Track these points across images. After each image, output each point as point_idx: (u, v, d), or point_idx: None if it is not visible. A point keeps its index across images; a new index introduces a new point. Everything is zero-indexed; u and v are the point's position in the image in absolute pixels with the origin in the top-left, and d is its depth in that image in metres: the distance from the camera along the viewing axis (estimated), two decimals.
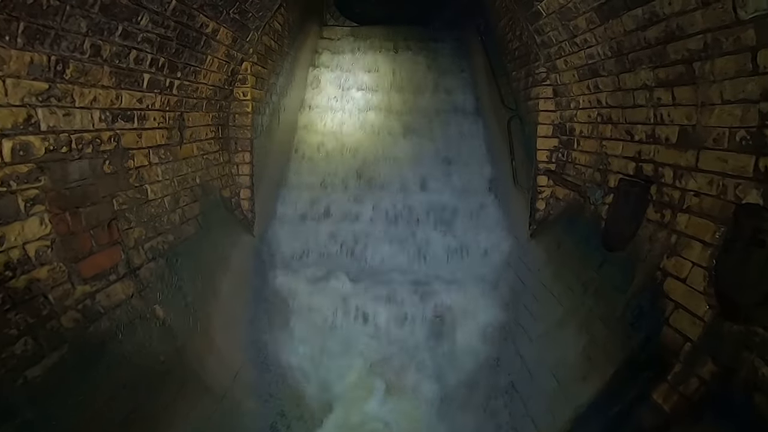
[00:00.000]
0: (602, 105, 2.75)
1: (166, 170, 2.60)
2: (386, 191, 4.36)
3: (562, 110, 3.36)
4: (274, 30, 4.14)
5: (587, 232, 2.91)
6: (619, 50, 2.37)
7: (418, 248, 4.02)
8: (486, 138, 4.82)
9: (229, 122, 3.55)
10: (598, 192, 2.78)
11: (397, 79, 5.68)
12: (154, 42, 2.20)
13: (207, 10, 2.50)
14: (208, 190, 3.17)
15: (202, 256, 2.84)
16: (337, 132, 4.96)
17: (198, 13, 2.43)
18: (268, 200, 4.08)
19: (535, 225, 3.71)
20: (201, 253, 2.85)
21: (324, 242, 4.00)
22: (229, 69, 3.22)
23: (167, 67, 2.41)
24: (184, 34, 2.42)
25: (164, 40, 2.27)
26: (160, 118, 2.50)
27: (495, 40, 4.76)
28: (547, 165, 3.59)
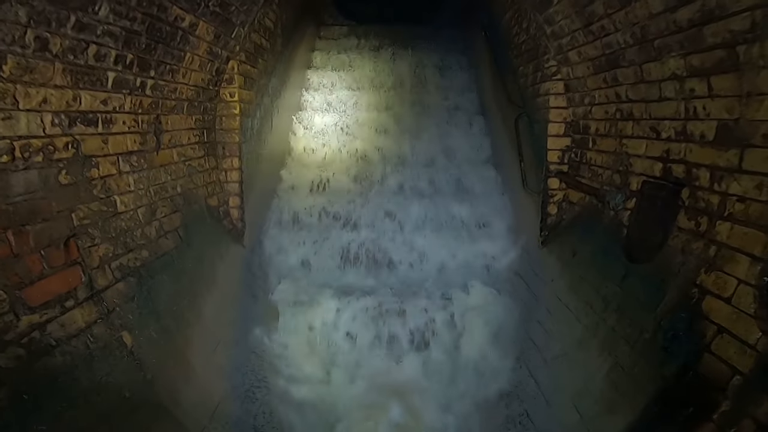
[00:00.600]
0: (622, 99, 2.48)
1: (140, 179, 2.36)
2: (386, 196, 4.10)
3: (575, 107, 3.09)
4: (266, 28, 3.90)
5: (606, 240, 2.63)
6: (643, 37, 2.10)
7: (419, 255, 3.75)
8: (491, 138, 4.56)
9: (215, 125, 3.31)
10: (619, 196, 2.50)
11: (397, 77, 5.45)
12: (119, 36, 1.96)
13: (181, 2, 2.25)
14: (191, 200, 2.93)
15: (182, 273, 2.59)
16: (335, 134, 4.72)
17: (170, 4, 2.18)
18: (260, 208, 3.83)
19: (546, 231, 3.43)
20: (181, 269, 2.60)
21: (321, 252, 3.74)
22: (212, 68, 2.98)
23: (137, 65, 2.17)
24: (156, 27, 2.18)
25: (131, 34, 2.03)
26: (131, 122, 2.26)
27: (500, 35, 4.49)
28: (559, 166, 3.32)
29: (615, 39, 2.32)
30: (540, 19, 3.07)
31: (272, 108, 4.23)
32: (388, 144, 4.56)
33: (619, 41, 2.30)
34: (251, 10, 3.01)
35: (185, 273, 2.63)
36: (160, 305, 2.30)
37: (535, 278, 3.33)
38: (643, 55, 2.16)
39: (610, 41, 2.37)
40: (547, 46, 3.17)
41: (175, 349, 2.30)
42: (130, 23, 1.99)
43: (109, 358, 1.85)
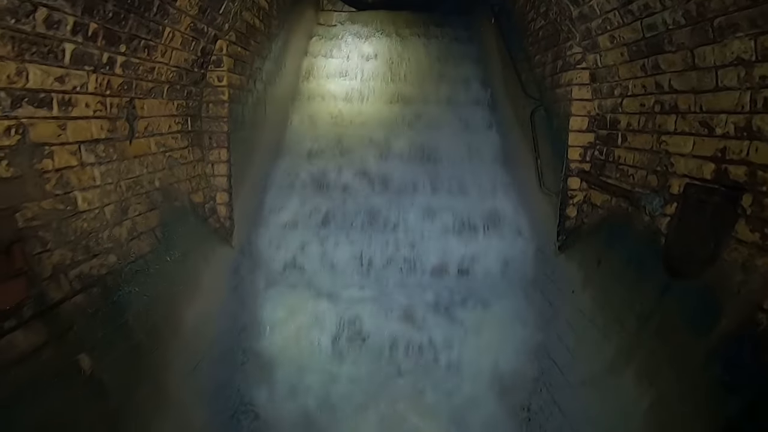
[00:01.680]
0: (663, 90, 2.17)
1: (108, 172, 2.03)
2: (389, 194, 3.79)
3: (602, 99, 2.78)
4: (260, 7, 3.56)
5: (639, 248, 2.34)
6: (699, 15, 1.78)
7: (423, 259, 3.45)
8: (502, 133, 4.24)
9: (201, 113, 2.98)
10: (657, 200, 2.20)
11: (399, 68, 5.11)
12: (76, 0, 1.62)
13: None
14: (172, 195, 2.60)
15: (159, 279, 2.27)
16: (334, 125, 4.39)
17: None
18: (252, 204, 3.51)
19: (564, 235, 3.14)
20: (158, 276, 2.28)
21: (318, 253, 3.42)
22: (198, 47, 2.64)
23: (102, 37, 1.83)
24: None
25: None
26: (97, 105, 1.93)
27: (512, 22, 4.17)
28: (581, 165, 3.02)
29: (661, 19, 2.01)
30: (564, 0, 2.75)
31: (266, 95, 3.89)
32: (390, 135, 4.22)
33: (666, 21, 1.99)
34: None
35: (162, 279, 2.31)
36: (130, 319, 1.99)
37: (552, 287, 3.04)
38: (696, 37, 1.85)
39: (654, 22, 2.06)
40: (571, 31, 2.86)
41: (147, 370, 1.99)
42: None
43: (60, 388, 1.54)
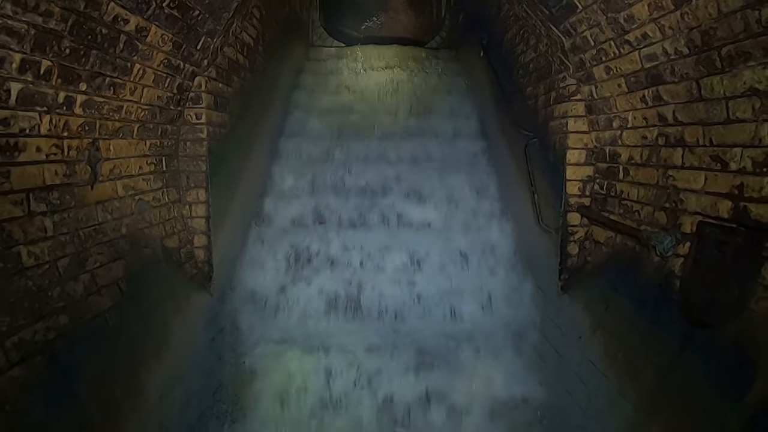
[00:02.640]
0: (668, 122, 2.03)
1: (63, 221, 1.82)
2: (377, 230, 3.60)
3: (600, 131, 2.65)
4: (244, 43, 3.47)
5: (651, 292, 2.14)
6: (703, 44, 1.66)
7: (417, 301, 3.23)
8: (495, 166, 4.11)
9: (178, 152, 2.81)
10: (668, 239, 2.02)
11: (389, 102, 5.04)
12: (24, 35, 1.47)
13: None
14: (141, 242, 2.38)
15: (119, 340, 2.03)
16: (322, 160, 4.24)
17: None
18: (233, 247, 3.30)
19: (567, 274, 2.94)
20: (118, 335, 2.04)
21: (307, 299, 3.17)
22: (173, 84, 2.50)
23: (58, 75, 1.67)
24: (85, 28, 1.70)
25: (45, 33, 1.54)
26: (51, 148, 1.75)
27: (502, 55, 4.12)
28: (580, 199, 2.86)
29: (661, 49, 1.90)
30: (555, 32, 2.67)
31: (251, 132, 3.76)
32: (380, 169, 4.08)
33: (666, 51, 1.87)
34: (220, 18, 2.56)
35: (124, 339, 2.06)
36: (81, 391, 1.73)
37: (556, 332, 2.81)
38: (702, 66, 1.72)
39: (654, 52, 1.95)
40: (564, 63, 2.76)
41: None
42: (42, 19, 1.50)
43: None
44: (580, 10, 2.25)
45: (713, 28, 1.59)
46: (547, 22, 2.75)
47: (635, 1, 1.88)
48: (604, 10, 2.09)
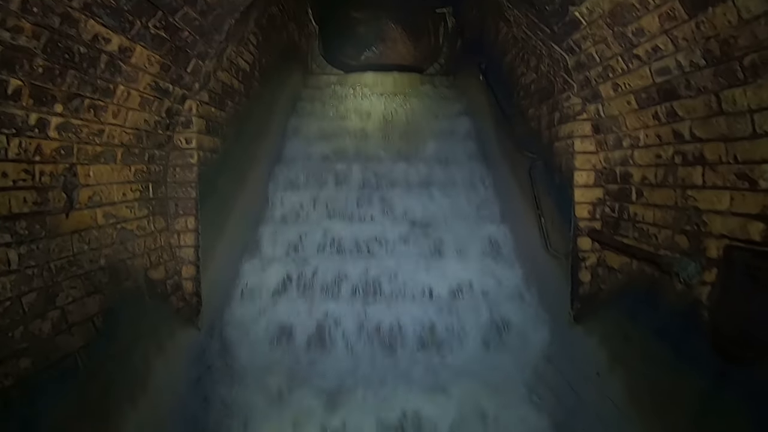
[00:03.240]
0: (684, 139, 1.90)
1: (31, 253, 1.67)
2: (378, 256, 3.43)
3: (609, 151, 2.52)
4: (239, 68, 3.41)
5: (676, 323, 1.96)
6: (723, 54, 1.55)
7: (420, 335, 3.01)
8: (498, 190, 3.98)
9: (166, 178, 2.68)
10: (692, 265, 1.85)
11: (388, 127, 4.98)
12: None
13: (101, 16, 1.69)
14: (122, 274, 2.22)
15: (91, 384, 1.84)
16: (319, 186, 4.11)
17: (83, 15, 1.61)
18: (224, 278, 3.12)
19: (579, 303, 2.75)
20: (91, 378, 1.85)
21: (305, 334, 2.95)
22: (161, 108, 2.40)
23: (29, 96, 1.55)
24: (61, 47, 1.60)
25: (13, 50, 1.43)
26: (21, 174, 1.61)
27: (501, 78, 4.06)
28: (591, 223, 2.71)
29: (674, 62, 1.79)
30: (558, 51, 2.59)
31: (246, 158, 3.65)
32: (379, 195, 3.94)
33: (680, 64, 1.76)
34: (212, 40, 2.48)
35: (95, 383, 1.86)
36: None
37: (570, 367, 2.60)
38: (722, 79, 1.60)
39: (666, 66, 1.84)
40: (567, 82, 2.67)
41: None
42: (10, 35, 1.40)
43: None
44: (584, 26, 2.16)
45: (733, 37, 1.48)
46: (549, 41, 2.67)
47: (644, 13, 1.78)
48: (610, 25, 1.99)
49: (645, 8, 1.76)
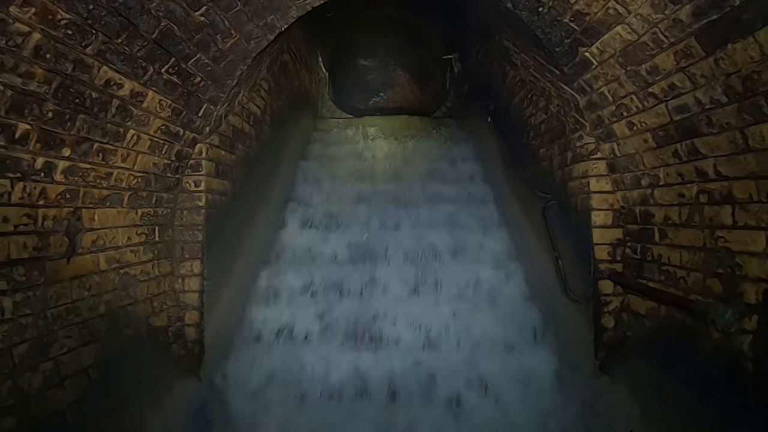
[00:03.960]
0: (709, 177, 1.82)
1: (26, 301, 1.59)
2: (388, 298, 3.30)
3: (627, 190, 2.44)
4: (250, 112, 3.46)
5: (715, 376, 1.79)
6: (746, 90, 1.50)
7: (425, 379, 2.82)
8: (511, 232, 3.87)
9: (173, 221, 2.64)
10: (729, 312, 1.71)
11: (397, 168, 4.97)
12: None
13: (115, 62, 1.71)
14: (122, 321, 2.13)
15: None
16: (328, 228, 4.05)
17: (96, 61, 1.63)
18: (230, 324, 3.00)
19: (603, 352, 2.58)
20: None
21: (316, 386, 2.78)
22: (171, 151, 2.39)
23: (36, 140, 1.54)
24: (72, 91, 1.60)
25: (23, 95, 1.43)
26: (22, 218, 1.57)
27: (510, 119, 4.07)
28: (611, 265, 2.58)
29: (692, 99, 1.74)
30: (568, 91, 2.58)
31: (255, 200, 3.63)
32: (389, 237, 3.86)
33: (699, 101, 1.71)
34: (224, 86, 2.51)
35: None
36: None
37: (598, 422, 2.38)
38: (746, 115, 1.54)
39: (684, 104, 1.79)
40: (579, 122, 2.64)
41: None
42: (21, 80, 1.40)
43: None
44: (595, 66, 2.15)
45: (756, 72, 1.43)
46: (558, 83, 2.67)
47: (658, 52, 1.76)
48: (622, 64, 1.98)
49: (659, 47, 1.74)
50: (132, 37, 1.71)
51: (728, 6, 1.40)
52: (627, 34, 1.85)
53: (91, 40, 1.56)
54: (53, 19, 1.40)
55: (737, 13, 1.39)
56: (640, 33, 1.78)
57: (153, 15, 1.74)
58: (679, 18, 1.59)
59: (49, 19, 1.39)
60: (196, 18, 1.94)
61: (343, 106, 6.78)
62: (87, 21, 1.51)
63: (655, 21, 1.68)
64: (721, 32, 1.47)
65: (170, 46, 1.93)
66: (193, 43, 2.04)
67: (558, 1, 2.00)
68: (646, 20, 1.71)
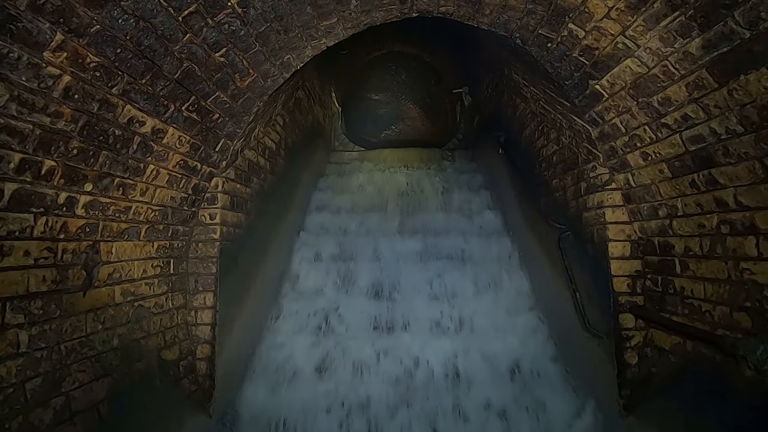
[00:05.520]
0: (729, 207, 1.78)
1: (42, 334, 1.60)
2: (398, 333, 3.23)
3: (644, 221, 2.40)
4: (265, 146, 3.54)
5: (751, 417, 1.69)
6: (762, 120, 1.49)
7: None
8: (526, 263, 3.81)
9: (188, 253, 2.66)
10: (762, 348, 1.63)
11: (407, 200, 5.00)
12: (28, 135, 1.41)
13: (138, 101, 1.78)
14: (135, 355, 2.12)
15: None
16: (342, 258, 4.04)
17: (121, 101, 1.70)
18: (242, 357, 2.96)
19: (628, 390, 2.46)
20: None
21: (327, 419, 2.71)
22: (188, 185, 2.45)
23: (61, 176, 1.59)
24: (97, 129, 1.66)
25: (51, 133, 1.49)
26: (43, 252, 1.60)
27: (521, 150, 4.09)
28: (632, 298, 2.51)
29: (708, 129, 1.73)
30: (579, 123, 2.59)
31: (269, 232, 3.65)
32: (397, 269, 3.83)
33: (714, 131, 1.70)
34: (241, 121, 2.59)
35: None
36: None
37: None
38: (764, 144, 1.52)
39: (700, 134, 1.78)
40: (592, 152, 2.64)
41: None
42: (50, 120, 1.46)
43: None
44: (606, 98, 2.16)
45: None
46: (569, 114, 2.69)
47: (669, 84, 1.77)
48: (633, 96, 1.99)
49: (670, 79, 1.75)
50: (155, 77, 1.79)
51: (738, 38, 1.41)
52: (637, 67, 1.87)
53: (117, 80, 1.64)
54: (83, 62, 1.48)
55: (748, 45, 1.40)
56: (650, 66, 1.80)
57: (176, 57, 1.82)
58: (689, 51, 1.61)
59: (79, 62, 1.47)
60: (216, 59, 2.02)
61: (355, 139, 6.91)
62: (114, 63, 1.59)
63: (665, 54, 1.70)
64: (733, 64, 1.48)
65: (191, 85, 2.01)
66: (213, 82, 2.12)
67: (567, 36, 2.05)
68: (656, 54, 1.74)
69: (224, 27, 1.89)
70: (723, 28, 1.43)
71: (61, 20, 1.34)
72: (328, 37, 2.39)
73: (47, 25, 1.31)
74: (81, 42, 1.43)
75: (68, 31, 1.37)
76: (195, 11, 1.70)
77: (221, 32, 1.91)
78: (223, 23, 1.87)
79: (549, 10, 1.96)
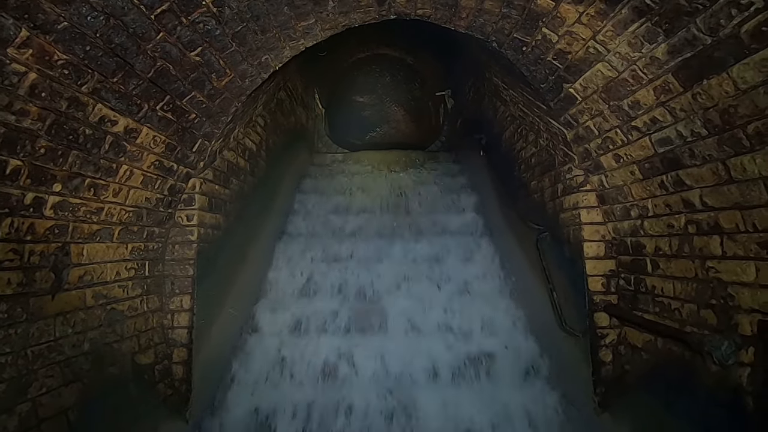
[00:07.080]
0: (696, 208, 1.84)
1: (6, 339, 1.56)
2: (379, 333, 3.23)
3: (617, 221, 2.46)
4: (245, 147, 3.51)
5: (718, 413, 1.74)
6: (725, 122, 1.54)
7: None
8: (505, 263, 3.85)
9: (164, 255, 2.62)
10: (725, 344, 1.68)
11: (391, 201, 5.01)
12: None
13: (110, 99, 1.75)
14: (107, 359, 2.07)
15: None
16: (321, 260, 4.02)
17: (91, 99, 1.67)
18: (220, 361, 2.91)
19: (603, 387, 2.51)
20: None
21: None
22: (164, 186, 2.41)
23: (27, 176, 1.55)
24: (66, 128, 1.63)
25: (16, 132, 1.45)
26: (8, 254, 1.56)
27: (502, 152, 4.14)
28: (606, 297, 2.56)
29: (675, 132, 1.78)
30: (555, 125, 2.64)
31: (248, 234, 3.62)
32: (382, 271, 3.84)
33: (681, 134, 1.75)
34: (218, 122, 2.57)
35: None
36: None
37: None
38: (727, 147, 1.58)
39: (667, 136, 1.83)
40: (568, 154, 2.69)
41: None
42: (15, 118, 1.42)
43: None
44: (580, 101, 2.21)
45: (733, 107, 1.47)
46: (546, 117, 2.74)
47: (638, 88, 1.82)
48: (605, 99, 2.04)
49: (639, 83, 1.80)
50: (128, 76, 1.77)
51: (701, 44, 1.46)
52: (608, 71, 1.91)
53: (87, 79, 1.61)
54: (50, 60, 1.45)
55: (710, 50, 1.45)
56: (620, 70, 1.85)
57: (149, 55, 1.79)
58: (655, 56, 1.65)
59: (46, 59, 1.44)
60: (191, 58, 2.00)
61: (339, 141, 6.90)
62: (83, 61, 1.56)
63: (633, 59, 1.75)
64: (697, 69, 1.53)
65: (166, 84, 1.98)
66: (189, 81, 2.10)
67: (541, 40, 2.09)
68: (625, 58, 1.78)
69: (199, 26, 1.88)
70: (686, 34, 1.48)
71: (25, 16, 1.31)
72: (306, 38, 2.38)
73: (11, 20, 1.28)
74: (48, 39, 1.40)
75: (34, 27, 1.35)
76: (168, 9, 1.68)
77: (196, 31, 1.89)
78: (197, 22, 1.85)
79: (523, 14, 2.00)
